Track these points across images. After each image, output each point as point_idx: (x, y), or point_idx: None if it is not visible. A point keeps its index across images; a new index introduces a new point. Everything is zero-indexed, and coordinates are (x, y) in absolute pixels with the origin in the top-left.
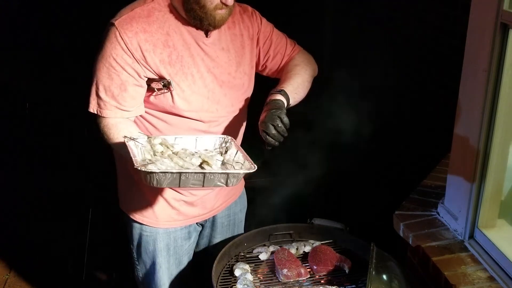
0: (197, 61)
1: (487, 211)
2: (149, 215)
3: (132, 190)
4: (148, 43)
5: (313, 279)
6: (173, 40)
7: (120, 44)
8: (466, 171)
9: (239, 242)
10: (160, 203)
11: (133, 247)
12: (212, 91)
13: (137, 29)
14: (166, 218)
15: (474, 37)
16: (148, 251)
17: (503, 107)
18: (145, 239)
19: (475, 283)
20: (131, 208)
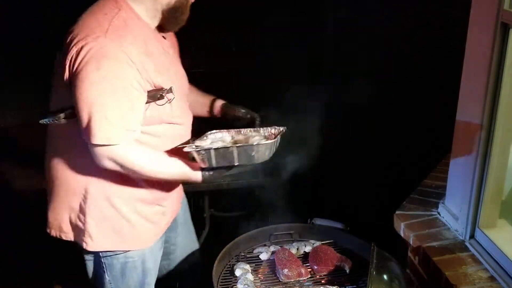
0: (170, 66)
1: (488, 211)
2: (135, 239)
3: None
4: (139, 54)
5: (313, 279)
6: (151, 48)
7: (121, 58)
8: (466, 171)
9: (239, 242)
10: (143, 223)
11: (111, 283)
12: (185, 92)
13: (128, 40)
14: (149, 235)
15: (474, 37)
16: (134, 277)
17: (503, 107)
18: (130, 265)
19: (476, 283)
20: (111, 241)
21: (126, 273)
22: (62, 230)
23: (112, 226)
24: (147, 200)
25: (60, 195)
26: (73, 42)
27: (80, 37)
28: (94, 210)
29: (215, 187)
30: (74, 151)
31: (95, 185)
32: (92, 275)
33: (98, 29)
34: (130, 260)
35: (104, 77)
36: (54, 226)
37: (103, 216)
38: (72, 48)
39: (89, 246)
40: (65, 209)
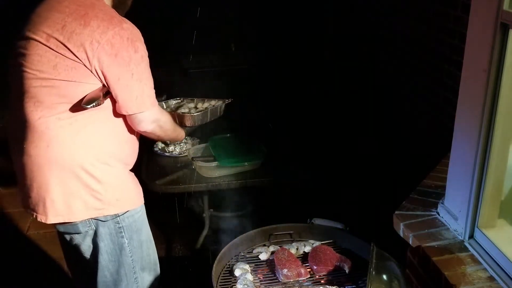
0: None
1: (487, 211)
2: (139, 193)
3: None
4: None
5: (313, 279)
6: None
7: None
8: (466, 171)
9: (239, 242)
10: (135, 179)
11: (126, 241)
12: None
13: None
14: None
15: (474, 37)
16: (145, 228)
17: (503, 107)
18: (142, 218)
19: (475, 283)
20: (128, 201)
21: (140, 227)
22: (72, 212)
23: (124, 187)
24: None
25: (65, 177)
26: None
27: (107, 30)
28: (111, 176)
29: (215, 187)
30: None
31: (100, 156)
32: (108, 255)
33: (115, 19)
34: (140, 213)
35: (141, 56)
36: (60, 212)
37: (118, 179)
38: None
39: (110, 211)
40: (74, 188)
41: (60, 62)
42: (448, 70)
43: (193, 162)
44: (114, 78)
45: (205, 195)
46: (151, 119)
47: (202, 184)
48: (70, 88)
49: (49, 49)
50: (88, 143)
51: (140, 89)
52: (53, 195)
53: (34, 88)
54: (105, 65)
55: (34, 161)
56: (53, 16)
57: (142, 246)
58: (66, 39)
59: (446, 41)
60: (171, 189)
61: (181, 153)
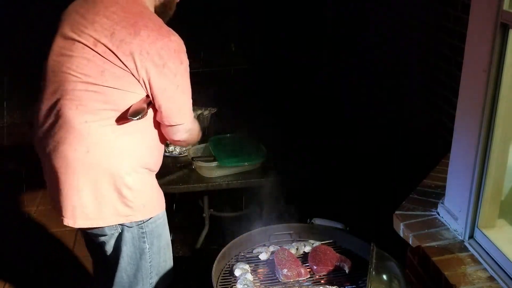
0: None
1: (487, 211)
2: (162, 199)
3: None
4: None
5: (313, 279)
6: None
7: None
8: (466, 171)
9: (239, 242)
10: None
11: (147, 246)
12: None
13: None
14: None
15: (474, 37)
16: (165, 234)
17: (503, 107)
18: (163, 223)
19: (475, 283)
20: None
21: (161, 232)
22: (102, 217)
23: (150, 194)
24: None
25: (98, 183)
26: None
27: (156, 41)
28: (140, 183)
29: (215, 187)
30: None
31: (135, 164)
32: (128, 258)
33: (163, 29)
34: (162, 218)
35: (185, 68)
36: (90, 217)
37: (146, 186)
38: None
39: (137, 218)
40: (106, 195)
41: (108, 68)
42: (448, 70)
43: (193, 162)
44: (159, 89)
45: (205, 195)
46: (186, 129)
47: (202, 184)
48: (116, 95)
49: (96, 54)
50: (126, 151)
51: (183, 101)
52: (85, 200)
53: (78, 91)
54: (152, 76)
55: (70, 164)
56: (101, 21)
57: (160, 252)
58: (115, 47)
59: (446, 41)
60: (171, 189)
61: (181, 153)
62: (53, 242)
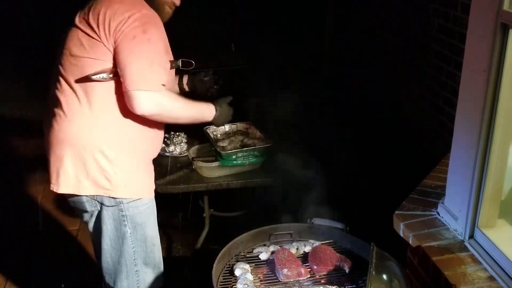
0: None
1: (487, 211)
2: (150, 187)
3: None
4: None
5: (313, 279)
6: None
7: (161, 27)
8: (466, 171)
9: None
10: (151, 173)
11: (128, 230)
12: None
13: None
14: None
15: (474, 37)
16: (151, 223)
17: (503, 107)
18: (149, 211)
19: (475, 283)
20: (128, 188)
21: (145, 220)
22: (81, 185)
23: (135, 176)
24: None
25: (81, 150)
26: (113, 17)
27: (124, 12)
28: (124, 162)
29: (215, 187)
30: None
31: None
32: (110, 240)
33: (137, 5)
34: (147, 208)
35: (148, 39)
36: (71, 183)
37: (131, 166)
38: (114, 20)
39: (116, 194)
40: (88, 163)
41: (84, 41)
42: (448, 70)
43: (193, 162)
44: (118, 54)
45: (205, 195)
46: (154, 100)
47: (202, 184)
48: (90, 65)
49: (78, 29)
50: (108, 128)
51: (137, 67)
52: (67, 168)
53: (66, 65)
54: (117, 43)
55: (56, 133)
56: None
57: (147, 241)
58: (92, 19)
59: (446, 41)
60: (171, 189)
61: (181, 153)
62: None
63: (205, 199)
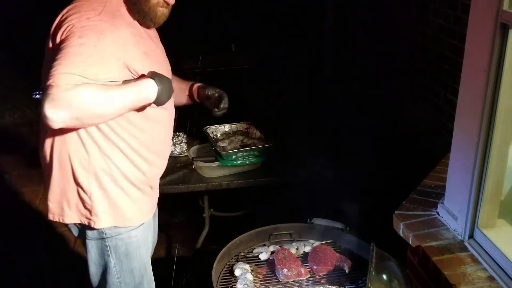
0: (158, 52)
1: (487, 211)
2: (136, 214)
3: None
4: (133, 35)
5: (313, 279)
6: (141, 34)
7: (107, 34)
8: (466, 171)
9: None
10: (140, 197)
11: (116, 266)
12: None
13: (121, 22)
14: (147, 208)
15: (474, 37)
16: (138, 257)
17: (502, 107)
18: (135, 245)
19: (475, 283)
20: (116, 218)
21: (130, 252)
22: (65, 214)
23: (115, 202)
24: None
25: (60, 178)
26: (65, 21)
27: (73, 17)
28: (98, 188)
29: (215, 187)
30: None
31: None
32: (95, 266)
33: (91, 12)
34: (134, 240)
35: (81, 43)
36: (56, 211)
37: (107, 193)
38: (62, 26)
39: (96, 224)
40: (67, 191)
41: (47, 53)
42: (448, 70)
43: (193, 162)
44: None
45: (205, 195)
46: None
47: (202, 184)
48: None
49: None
50: (77, 151)
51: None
52: (50, 195)
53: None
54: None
55: (43, 156)
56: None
57: (134, 272)
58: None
59: (446, 41)
60: (171, 189)
61: (181, 153)
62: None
63: (205, 199)
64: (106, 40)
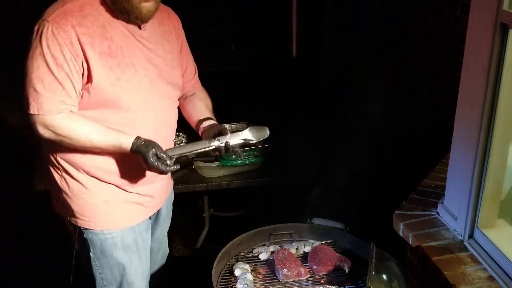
0: (136, 52)
1: (487, 211)
2: (111, 220)
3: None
4: (85, 36)
5: (313, 279)
6: (110, 32)
7: (58, 39)
8: (466, 171)
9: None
10: (125, 204)
11: (95, 261)
12: (153, 81)
13: (72, 23)
14: (132, 215)
15: (474, 37)
16: (114, 254)
17: (502, 107)
18: (110, 242)
19: (475, 283)
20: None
21: (106, 249)
22: (58, 208)
23: (90, 205)
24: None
25: (50, 176)
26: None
27: (42, 16)
28: (71, 190)
29: (215, 187)
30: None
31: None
32: (84, 256)
33: (49, 12)
34: (109, 237)
35: (39, 54)
36: (55, 205)
37: (79, 195)
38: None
39: (77, 222)
40: (55, 189)
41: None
42: (448, 70)
43: (193, 162)
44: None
45: (205, 195)
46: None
47: (202, 184)
48: None
49: None
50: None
51: (26, 88)
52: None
53: None
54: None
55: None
56: None
57: (113, 271)
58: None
59: (446, 41)
60: None
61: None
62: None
63: (205, 199)
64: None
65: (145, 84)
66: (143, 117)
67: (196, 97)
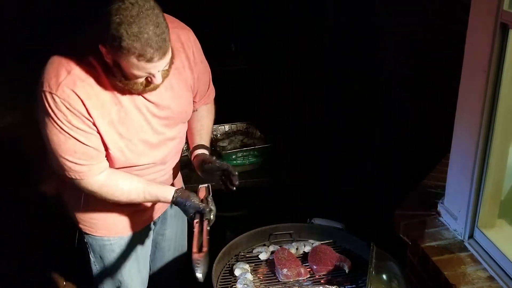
0: (143, 111)
1: (487, 211)
2: (114, 227)
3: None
4: (95, 109)
5: (313, 279)
6: (118, 97)
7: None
8: (466, 171)
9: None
10: (126, 213)
11: (95, 264)
12: (160, 131)
13: (81, 95)
14: (133, 224)
15: (474, 37)
16: (112, 259)
17: (502, 107)
18: (108, 248)
19: (475, 282)
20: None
21: (104, 254)
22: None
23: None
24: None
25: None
26: (38, 88)
27: (42, 85)
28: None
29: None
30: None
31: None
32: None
33: (54, 80)
34: (107, 243)
35: (60, 129)
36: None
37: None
38: (37, 95)
39: (78, 226)
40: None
41: None
42: (448, 70)
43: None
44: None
45: None
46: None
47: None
48: None
49: None
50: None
51: (53, 156)
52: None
53: None
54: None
55: None
56: None
57: (112, 277)
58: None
59: (446, 41)
60: None
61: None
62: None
63: None
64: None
65: (152, 139)
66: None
67: (196, 116)
